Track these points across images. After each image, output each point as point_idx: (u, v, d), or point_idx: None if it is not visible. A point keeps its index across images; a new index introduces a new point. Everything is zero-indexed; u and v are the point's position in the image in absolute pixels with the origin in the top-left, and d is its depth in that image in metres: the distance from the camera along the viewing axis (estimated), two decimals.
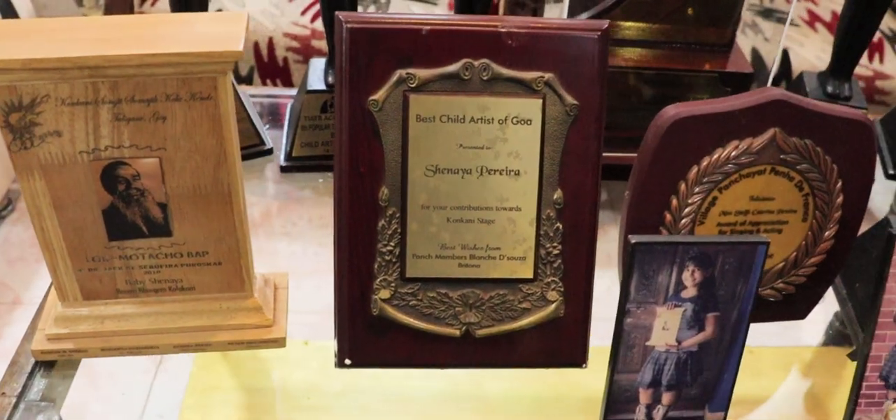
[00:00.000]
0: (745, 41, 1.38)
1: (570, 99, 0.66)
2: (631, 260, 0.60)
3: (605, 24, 0.66)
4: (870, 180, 0.73)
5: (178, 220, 0.66)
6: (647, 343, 0.64)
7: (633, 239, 0.60)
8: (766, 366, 0.82)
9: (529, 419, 0.78)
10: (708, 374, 0.66)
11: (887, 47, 1.42)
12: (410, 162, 0.66)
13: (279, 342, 0.71)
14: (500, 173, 0.67)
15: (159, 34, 0.59)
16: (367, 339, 0.69)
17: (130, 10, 1.37)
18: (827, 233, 0.74)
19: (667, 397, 0.67)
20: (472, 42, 0.65)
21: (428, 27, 0.64)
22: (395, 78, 0.65)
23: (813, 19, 1.50)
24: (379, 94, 0.65)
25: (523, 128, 0.66)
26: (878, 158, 1.02)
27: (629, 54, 0.88)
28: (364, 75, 0.65)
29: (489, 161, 0.67)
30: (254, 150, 0.89)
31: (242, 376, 0.84)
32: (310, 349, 0.84)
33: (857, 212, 0.74)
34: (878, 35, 1.43)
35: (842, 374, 0.82)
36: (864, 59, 1.40)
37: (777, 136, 0.69)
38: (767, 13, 1.47)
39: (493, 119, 0.66)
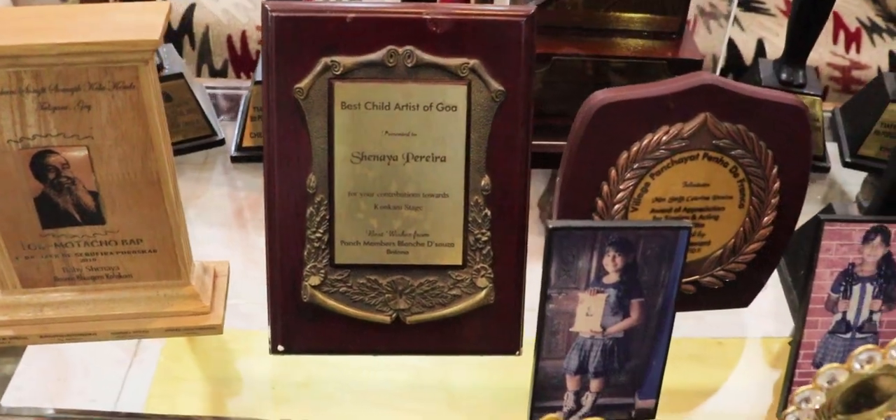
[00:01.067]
0: (720, 32, 1.37)
1: (495, 85, 0.66)
2: (549, 245, 0.60)
3: (531, 9, 0.66)
4: (807, 165, 0.72)
5: (110, 209, 0.67)
6: (571, 329, 0.64)
7: (551, 224, 0.60)
8: (714, 356, 0.81)
9: (497, 410, 0.78)
10: (636, 360, 0.66)
11: (864, 37, 1.40)
12: (336, 149, 0.66)
13: (216, 329, 0.72)
14: (426, 160, 0.67)
15: (80, 23, 0.60)
16: (298, 325, 0.70)
17: None
18: (765, 219, 0.73)
19: (595, 384, 0.67)
20: (396, 29, 0.65)
21: (352, 15, 0.65)
22: (320, 66, 0.65)
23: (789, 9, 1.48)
24: (304, 83, 0.65)
25: (448, 114, 0.66)
26: (836, 146, 1.02)
27: (577, 41, 0.88)
28: (290, 63, 0.65)
29: (415, 148, 0.67)
30: (205, 141, 0.90)
31: (208, 366, 0.85)
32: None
33: (795, 197, 0.73)
34: (855, 25, 1.41)
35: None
36: (840, 49, 1.38)
37: (708, 120, 0.68)
38: (746, 3, 1.46)
39: (418, 105, 0.66)
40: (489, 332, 0.70)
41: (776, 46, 1.39)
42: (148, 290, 0.71)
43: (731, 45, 1.38)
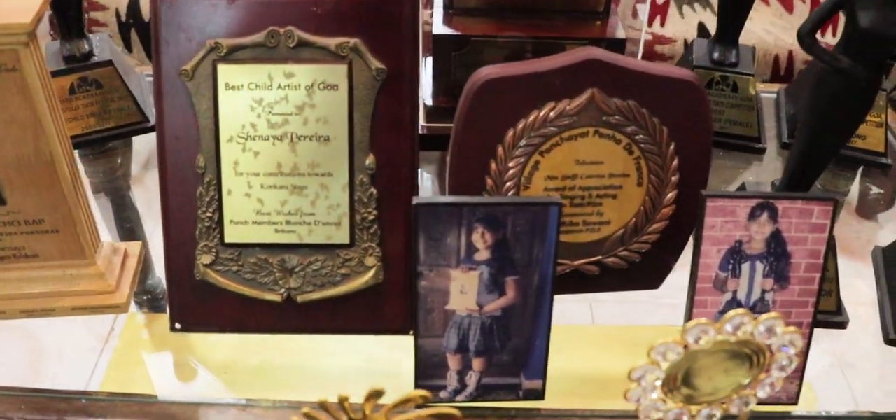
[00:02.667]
0: (693, 16, 1.34)
1: (377, 64, 0.66)
2: (416, 222, 0.60)
3: None
4: (706, 142, 0.70)
5: (9, 190, 0.69)
6: (447, 307, 0.64)
7: (416, 200, 0.60)
8: (617, 343, 0.79)
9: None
10: (517, 340, 0.65)
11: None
12: (222, 130, 0.67)
13: (121, 307, 0.74)
14: (310, 139, 0.67)
15: None
16: (194, 303, 0.71)
17: None
18: (666, 197, 0.71)
19: (477, 363, 0.66)
20: (277, 10, 0.66)
21: None
22: (204, 48, 0.66)
23: None
24: (190, 65, 0.66)
25: (330, 93, 0.67)
26: (774, 127, 0.98)
27: (497, 22, 0.87)
28: (176, 46, 0.67)
29: (298, 127, 0.67)
30: (137, 127, 0.92)
31: (163, 352, 0.87)
32: None
33: (697, 175, 0.71)
34: None
35: None
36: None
37: (595, 96, 0.67)
38: None
39: (300, 85, 0.67)
40: (379, 311, 0.70)
41: (748, 30, 1.35)
42: (54, 270, 0.73)
43: (703, 30, 1.35)
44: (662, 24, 1.41)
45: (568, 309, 0.84)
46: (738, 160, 0.95)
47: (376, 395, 0.49)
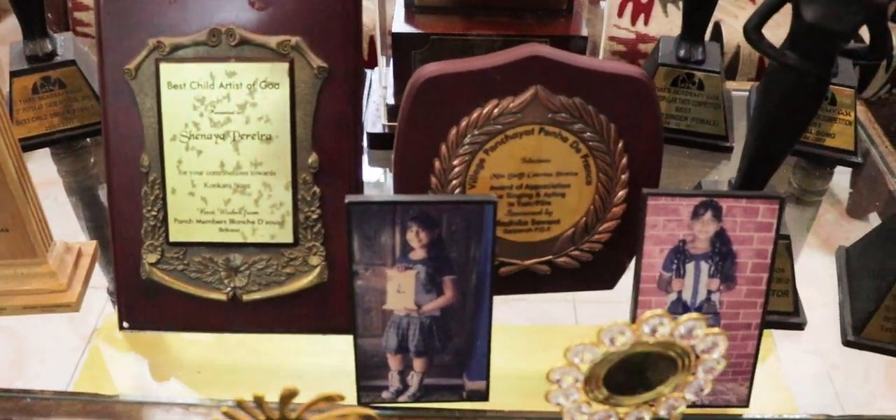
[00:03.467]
0: (677, 15, 1.33)
1: (318, 62, 0.66)
2: (349, 220, 0.60)
3: None
4: (657, 139, 0.69)
5: None
6: (385, 306, 0.63)
7: (348, 199, 0.59)
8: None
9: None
10: (458, 340, 0.64)
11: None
12: (165, 129, 0.67)
13: (71, 306, 0.74)
14: (252, 138, 0.67)
15: None
16: (140, 302, 0.71)
17: None
18: (616, 196, 0.70)
19: (418, 364, 0.65)
20: (218, 9, 0.66)
21: None
22: (147, 47, 0.66)
23: None
24: (133, 64, 0.66)
25: (272, 92, 0.66)
26: (746, 126, 0.96)
27: (459, 20, 0.86)
28: (119, 45, 0.67)
29: (240, 126, 0.67)
30: (100, 127, 0.92)
31: (139, 351, 0.88)
32: None
33: (648, 173, 0.70)
34: None
35: None
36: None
37: (539, 93, 0.66)
38: None
39: (241, 84, 0.66)
40: (325, 310, 0.70)
41: (733, 28, 1.34)
42: (4, 269, 0.73)
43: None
44: (646, 22, 1.40)
45: (552, 309, 0.83)
46: (706, 159, 0.94)
47: (290, 395, 0.49)
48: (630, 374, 0.51)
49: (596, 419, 0.51)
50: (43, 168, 1.03)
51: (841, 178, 1.02)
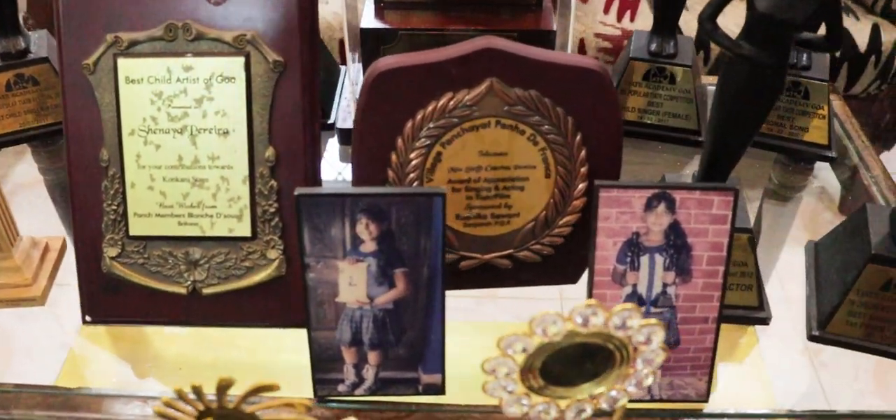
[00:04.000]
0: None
1: (274, 55, 0.66)
2: (298, 213, 0.60)
3: None
4: (615, 131, 0.68)
5: None
6: (337, 299, 0.63)
7: (298, 191, 0.59)
8: None
9: None
10: (412, 333, 0.64)
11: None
12: (124, 123, 0.68)
13: (36, 300, 0.75)
14: (209, 132, 0.67)
15: None
16: (102, 296, 0.72)
17: None
18: (576, 189, 0.70)
19: (373, 357, 0.65)
20: (175, 3, 0.66)
21: None
22: (105, 42, 0.67)
23: None
24: (91, 59, 0.67)
25: (228, 86, 0.67)
26: None
27: (429, 15, 0.86)
28: (78, 40, 0.67)
29: (198, 120, 0.67)
30: None
31: (121, 348, 0.88)
32: None
33: (608, 167, 0.69)
34: None
35: None
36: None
37: (494, 86, 0.66)
38: None
39: (198, 78, 0.67)
40: (284, 303, 0.70)
41: (720, 23, 1.33)
42: None
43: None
44: (632, 19, 1.39)
45: (541, 307, 0.83)
46: (679, 153, 0.93)
47: (226, 385, 0.49)
48: (569, 365, 0.50)
49: (536, 411, 0.51)
50: (25, 165, 1.05)
51: (833, 174, 1.02)
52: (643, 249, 0.63)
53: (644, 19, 1.41)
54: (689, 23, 1.36)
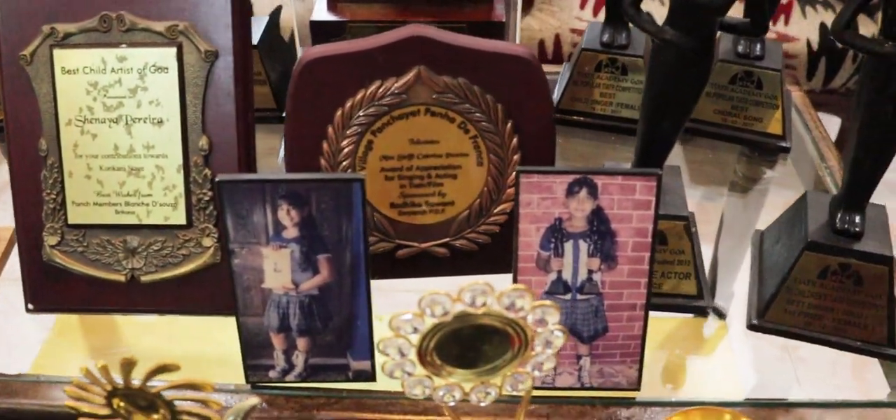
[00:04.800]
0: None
1: (205, 45, 0.67)
2: (220, 199, 0.60)
3: None
4: (547, 120, 0.68)
5: None
6: (263, 285, 0.63)
7: (219, 177, 0.60)
8: None
9: None
10: (338, 319, 0.65)
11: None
12: (61, 113, 0.69)
13: None
14: (144, 122, 0.68)
15: None
16: (44, 284, 0.73)
17: None
18: (509, 178, 0.70)
19: (302, 343, 0.66)
20: None
21: None
22: (41, 33, 0.68)
23: None
24: (28, 50, 0.68)
25: (161, 76, 0.68)
26: None
27: (379, 8, 0.87)
28: (16, 31, 0.68)
29: (132, 110, 0.68)
30: None
31: (93, 340, 0.90)
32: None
33: (540, 155, 0.69)
34: None
35: None
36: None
37: (422, 74, 0.66)
38: None
39: (132, 69, 0.68)
40: (219, 291, 0.70)
41: None
42: None
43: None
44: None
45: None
46: (632, 144, 0.92)
47: (129, 364, 0.50)
48: (468, 348, 0.50)
49: (440, 394, 0.51)
50: None
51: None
52: (567, 235, 0.63)
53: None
54: (656, 12, 1.36)
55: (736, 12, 0.69)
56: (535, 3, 1.44)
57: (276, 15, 1.00)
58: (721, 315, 0.77)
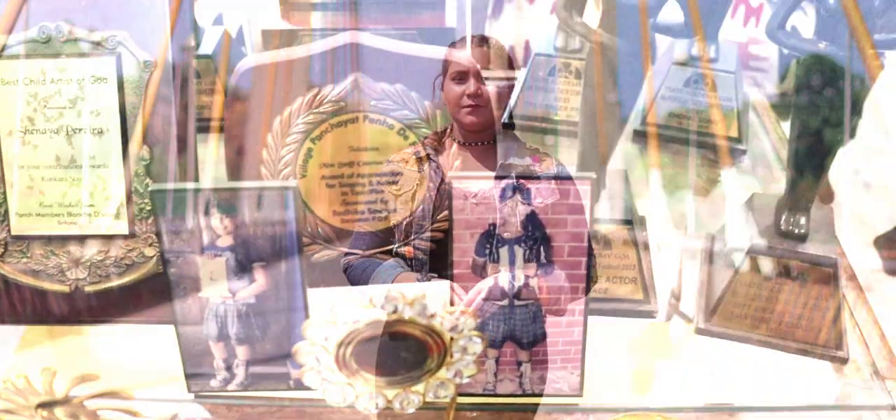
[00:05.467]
0: None
1: (143, 56, 0.67)
2: (153, 208, 0.60)
3: None
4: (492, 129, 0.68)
5: None
6: (201, 294, 0.63)
7: (151, 187, 0.60)
8: None
9: None
10: (276, 327, 0.65)
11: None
12: (2, 125, 0.69)
13: None
14: (85, 132, 0.69)
15: None
16: None
17: None
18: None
19: (242, 352, 0.65)
20: (47, 6, 0.67)
21: None
22: None
23: None
24: None
25: (101, 86, 0.68)
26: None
27: (329, 15, 0.87)
28: None
29: (73, 120, 0.69)
30: None
31: (63, 352, 0.90)
32: None
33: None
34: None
35: None
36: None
37: (359, 81, 0.66)
38: None
39: (72, 79, 0.68)
40: (162, 300, 0.70)
41: None
42: None
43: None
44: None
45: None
46: None
47: (50, 374, 0.50)
48: (389, 355, 0.50)
49: (361, 402, 0.51)
50: None
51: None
52: (501, 241, 0.63)
53: (589, 16, 1.39)
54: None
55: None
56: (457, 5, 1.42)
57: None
58: (668, 319, 0.77)
